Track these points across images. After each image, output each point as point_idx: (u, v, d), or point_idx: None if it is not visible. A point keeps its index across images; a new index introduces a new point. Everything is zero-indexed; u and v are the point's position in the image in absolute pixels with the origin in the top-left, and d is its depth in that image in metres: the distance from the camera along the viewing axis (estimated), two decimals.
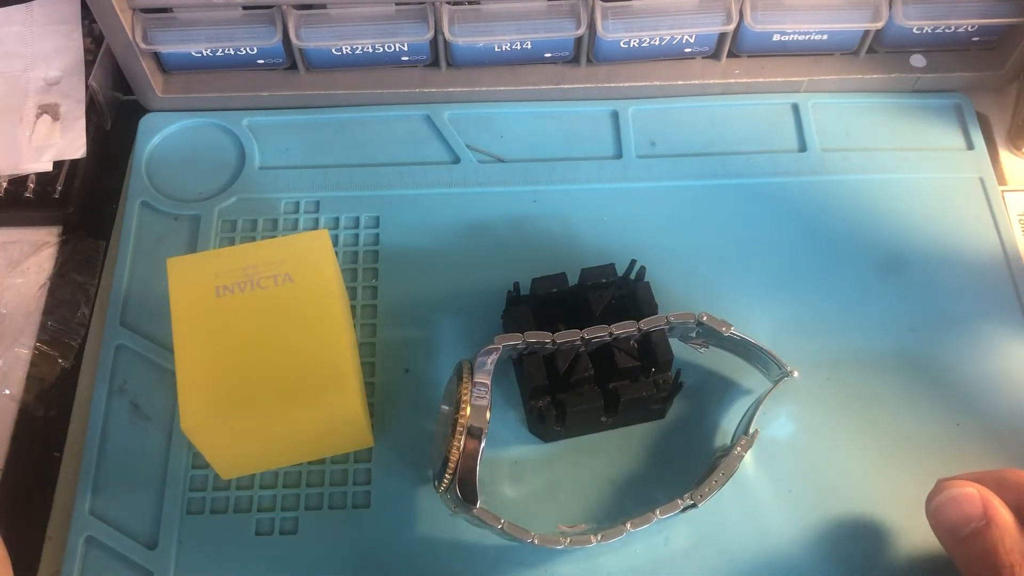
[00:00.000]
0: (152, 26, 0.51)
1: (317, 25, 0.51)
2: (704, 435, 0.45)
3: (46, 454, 0.45)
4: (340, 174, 0.52)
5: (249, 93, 0.54)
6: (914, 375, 0.47)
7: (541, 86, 0.55)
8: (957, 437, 0.45)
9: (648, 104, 0.55)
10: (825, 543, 0.42)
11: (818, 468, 0.44)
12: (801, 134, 0.54)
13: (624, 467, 0.44)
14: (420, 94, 0.55)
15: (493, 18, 0.51)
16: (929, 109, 0.56)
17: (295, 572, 0.42)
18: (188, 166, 0.53)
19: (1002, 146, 0.55)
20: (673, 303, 0.47)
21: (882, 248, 0.50)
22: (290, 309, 0.39)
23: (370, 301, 0.48)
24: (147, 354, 0.46)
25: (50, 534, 0.43)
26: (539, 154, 0.53)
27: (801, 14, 0.52)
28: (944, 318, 0.48)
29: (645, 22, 0.52)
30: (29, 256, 0.51)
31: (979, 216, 0.52)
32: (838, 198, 0.52)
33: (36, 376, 0.47)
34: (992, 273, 0.50)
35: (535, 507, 0.43)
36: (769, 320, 0.48)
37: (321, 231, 0.42)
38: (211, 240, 0.50)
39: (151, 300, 0.48)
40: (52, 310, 0.49)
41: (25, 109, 0.54)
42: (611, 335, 0.42)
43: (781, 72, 0.55)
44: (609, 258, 0.46)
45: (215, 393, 0.37)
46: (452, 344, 0.47)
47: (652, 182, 0.52)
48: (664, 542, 0.42)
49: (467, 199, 0.52)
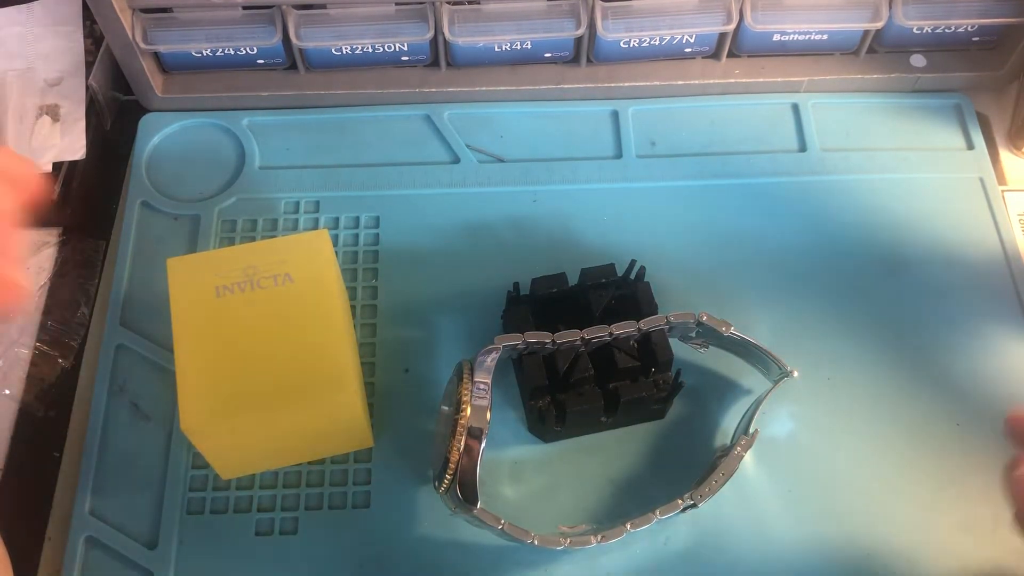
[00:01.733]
0: (152, 26, 0.51)
1: (317, 25, 0.51)
2: (704, 435, 0.45)
3: (46, 454, 0.45)
4: (340, 174, 0.52)
5: (249, 93, 0.54)
6: (914, 375, 0.47)
7: (541, 86, 0.55)
8: (957, 437, 0.45)
9: (648, 104, 0.55)
10: (825, 543, 0.42)
11: (818, 468, 0.44)
12: (801, 134, 0.54)
13: (624, 467, 0.44)
14: (420, 94, 0.55)
15: (493, 18, 0.51)
16: (929, 109, 0.56)
17: (295, 572, 0.42)
18: (188, 166, 0.53)
19: (1002, 146, 0.55)
20: (673, 303, 0.47)
21: (882, 248, 0.50)
22: (290, 309, 0.39)
23: (370, 301, 0.48)
24: (147, 354, 0.46)
25: (50, 534, 0.43)
26: (539, 154, 0.53)
27: (801, 14, 0.52)
28: (944, 318, 0.48)
29: (645, 22, 0.52)
30: (29, 256, 0.51)
31: (979, 216, 0.52)
32: (838, 198, 0.52)
33: (36, 376, 0.47)
34: (992, 273, 0.50)
35: (535, 507, 0.43)
36: (769, 320, 0.48)
37: (321, 231, 0.42)
38: (211, 240, 0.50)
39: (151, 300, 0.48)
40: (52, 310, 0.49)
41: (25, 110, 0.54)
42: (611, 335, 0.42)
43: (781, 72, 0.55)
44: (609, 258, 0.46)
45: (215, 393, 0.37)
46: (452, 344, 0.47)
47: (652, 182, 0.52)
48: (664, 542, 0.42)
49: (467, 199, 0.52)
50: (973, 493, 0.44)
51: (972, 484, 0.44)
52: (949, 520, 0.43)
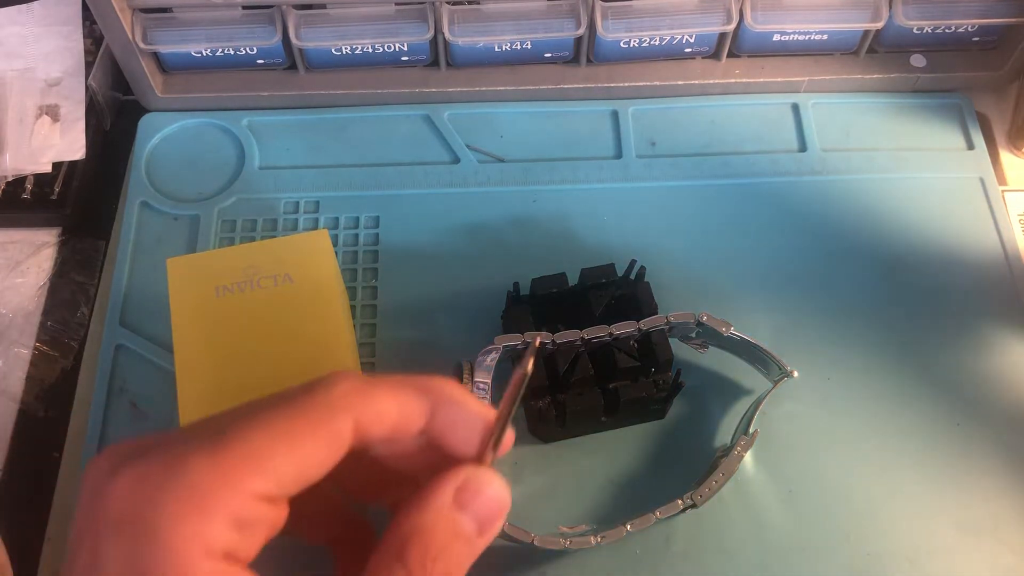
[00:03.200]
0: (152, 26, 0.51)
1: (317, 25, 0.51)
2: (704, 435, 0.45)
3: (46, 454, 0.45)
4: (340, 174, 0.52)
5: (249, 93, 0.54)
6: (914, 375, 0.47)
7: (541, 86, 0.55)
8: (957, 437, 0.45)
9: (648, 104, 0.55)
10: (825, 543, 0.42)
11: (818, 468, 0.44)
12: (801, 134, 0.54)
13: (624, 467, 0.44)
14: (420, 94, 0.55)
15: (493, 18, 0.51)
16: (929, 109, 0.56)
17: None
18: (188, 166, 0.53)
19: (1002, 146, 0.55)
20: (673, 303, 0.47)
21: (882, 248, 0.50)
22: (290, 309, 0.39)
23: (370, 301, 0.48)
24: (147, 354, 0.46)
25: (50, 534, 0.43)
26: (539, 154, 0.53)
27: (801, 14, 0.52)
28: (944, 318, 0.48)
29: (645, 22, 0.52)
30: (29, 257, 0.51)
31: (979, 216, 0.52)
32: (838, 198, 0.52)
33: (36, 376, 0.47)
34: (992, 273, 0.50)
35: (535, 508, 0.43)
36: (769, 320, 0.48)
37: (321, 231, 0.42)
38: (211, 240, 0.50)
39: (151, 300, 0.48)
40: (52, 310, 0.49)
41: (25, 110, 0.54)
42: (611, 335, 0.42)
43: (781, 72, 0.55)
44: (609, 258, 0.46)
45: (215, 393, 0.37)
46: (452, 344, 0.47)
47: (652, 182, 0.52)
48: (664, 542, 0.42)
49: (467, 199, 0.52)
50: (973, 493, 0.44)
51: (972, 484, 0.44)
52: (949, 520, 0.43)
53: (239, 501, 0.24)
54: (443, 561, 0.26)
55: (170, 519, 0.23)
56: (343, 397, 0.26)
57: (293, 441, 0.25)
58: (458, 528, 0.26)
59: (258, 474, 0.24)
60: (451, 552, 0.26)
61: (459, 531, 0.26)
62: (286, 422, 0.25)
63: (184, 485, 0.23)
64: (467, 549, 0.27)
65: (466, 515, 0.27)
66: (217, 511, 0.23)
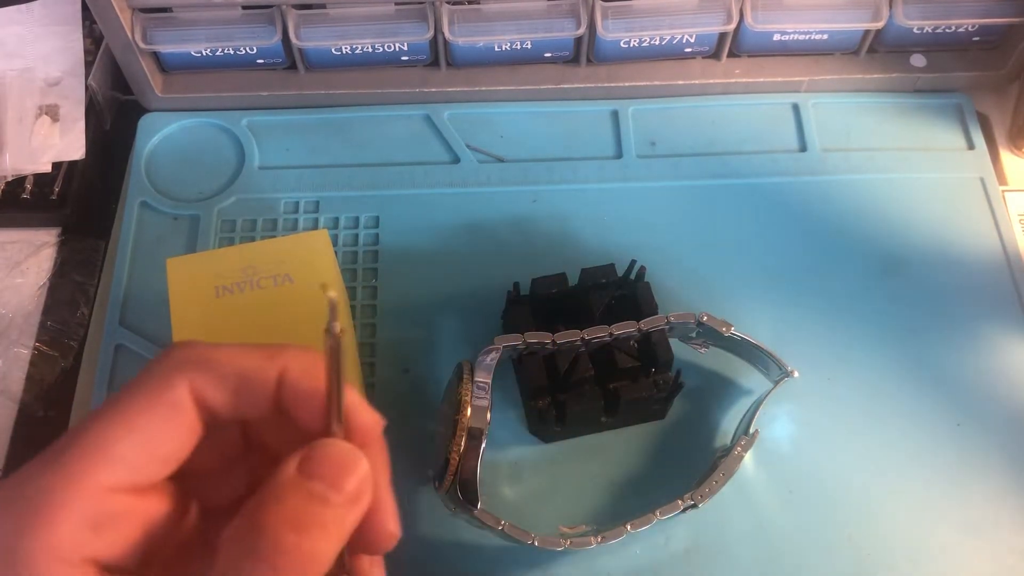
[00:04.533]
0: (152, 26, 0.51)
1: (317, 25, 0.51)
2: (704, 435, 0.45)
3: None
4: (340, 174, 0.52)
5: (249, 93, 0.54)
6: (914, 375, 0.47)
7: (541, 86, 0.55)
8: (957, 437, 0.45)
9: (648, 104, 0.55)
10: (825, 543, 0.42)
11: (818, 468, 0.44)
12: (801, 134, 0.54)
13: (624, 467, 0.44)
14: (420, 94, 0.55)
15: (493, 18, 0.51)
16: (929, 109, 0.56)
17: None
18: (187, 166, 0.53)
19: (1003, 146, 0.55)
20: (673, 303, 0.47)
21: (882, 248, 0.50)
22: (290, 309, 0.39)
23: (370, 301, 0.48)
24: (147, 354, 0.46)
25: None
26: (539, 154, 0.53)
27: (801, 14, 0.52)
28: (944, 318, 0.48)
29: (645, 22, 0.52)
30: (29, 257, 0.51)
31: (979, 216, 0.52)
32: (838, 198, 0.52)
33: (36, 376, 0.47)
34: (992, 273, 0.50)
35: (535, 508, 0.43)
36: (769, 320, 0.48)
37: (321, 231, 0.42)
38: (210, 240, 0.50)
39: (151, 300, 0.48)
40: (52, 310, 0.49)
41: (25, 110, 0.54)
42: (611, 335, 0.42)
43: (781, 72, 0.55)
44: (609, 258, 0.46)
45: None
46: (452, 344, 0.47)
47: (652, 182, 0.52)
48: (664, 542, 0.42)
49: (467, 199, 0.52)
50: (973, 493, 0.44)
51: (972, 484, 0.44)
52: (949, 520, 0.43)
53: (87, 500, 0.23)
54: (305, 531, 0.24)
55: (19, 536, 0.22)
56: (177, 366, 0.25)
57: (130, 423, 0.24)
58: (311, 490, 0.24)
59: (104, 465, 0.23)
60: (307, 516, 0.24)
61: (312, 493, 0.24)
62: (123, 404, 0.24)
63: (26, 497, 0.22)
64: (329, 512, 0.24)
65: (313, 481, 0.24)
66: (64, 516, 0.22)
